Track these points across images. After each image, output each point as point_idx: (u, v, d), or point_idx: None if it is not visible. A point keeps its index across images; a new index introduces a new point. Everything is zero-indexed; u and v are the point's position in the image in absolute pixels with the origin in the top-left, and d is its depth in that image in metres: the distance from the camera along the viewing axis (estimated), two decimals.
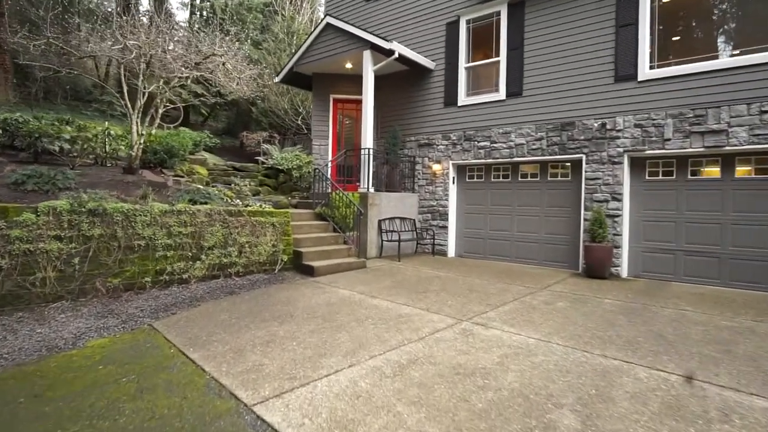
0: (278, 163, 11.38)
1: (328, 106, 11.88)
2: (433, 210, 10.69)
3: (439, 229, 10.57)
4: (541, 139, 8.99)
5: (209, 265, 6.74)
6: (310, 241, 8.40)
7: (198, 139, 11.61)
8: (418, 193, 11.02)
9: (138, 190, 6.99)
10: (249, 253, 7.25)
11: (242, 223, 7.20)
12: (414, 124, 11.18)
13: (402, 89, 11.45)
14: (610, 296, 6.48)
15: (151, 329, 4.72)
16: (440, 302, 5.95)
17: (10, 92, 19.32)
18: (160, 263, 6.22)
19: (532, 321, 5.13)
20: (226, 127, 27.02)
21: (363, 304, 5.79)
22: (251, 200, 8.41)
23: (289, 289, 6.58)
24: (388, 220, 9.98)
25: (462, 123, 10.24)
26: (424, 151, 10.97)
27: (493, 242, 9.96)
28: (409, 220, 10.67)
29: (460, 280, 7.56)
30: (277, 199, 10.41)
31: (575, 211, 8.73)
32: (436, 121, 10.71)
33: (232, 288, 6.51)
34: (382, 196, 9.88)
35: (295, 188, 11.77)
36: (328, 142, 11.85)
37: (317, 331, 4.67)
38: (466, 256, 10.36)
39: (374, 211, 9.64)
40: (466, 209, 10.47)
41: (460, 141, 10.27)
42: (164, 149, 9.37)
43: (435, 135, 10.74)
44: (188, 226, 6.54)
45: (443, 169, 10.54)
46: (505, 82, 9.53)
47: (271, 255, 7.58)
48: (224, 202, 8.13)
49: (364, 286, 6.91)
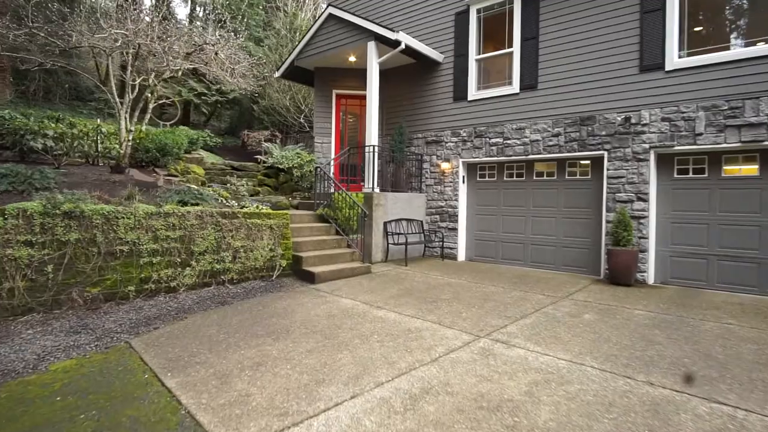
0: (278, 162, 10.84)
1: (330, 102, 11.32)
2: (442, 211, 10.10)
3: (448, 232, 9.98)
4: (559, 134, 8.38)
5: (200, 271, 6.19)
6: (311, 244, 7.84)
7: (195, 137, 11.09)
8: (426, 194, 10.44)
9: (124, 191, 6.45)
10: (244, 258, 6.70)
11: (237, 225, 6.65)
12: (421, 121, 10.59)
13: (408, 84, 10.87)
14: (640, 306, 5.87)
15: (128, 348, 4.16)
16: (453, 314, 5.36)
17: (8, 90, 18.91)
18: (145, 270, 5.67)
19: (559, 337, 4.54)
20: (229, 126, 26.56)
21: (367, 317, 5.21)
22: (248, 201, 7.86)
23: (286, 299, 6.02)
24: (394, 222, 9.40)
25: (472, 118, 9.65)
26: (432, 148, 10.38)
27: (506, 245, 9.36)
28: (417, 222, 10.08)
29: (473, 287, 6.97)
30: (277, 199, 9.86)
31: (596, 212, 8.11)
32: (445, 116, 10.12)
33: (224, 297, 5.95)
34: (388, 197, 9.31)
35: (296, 188, 11.22)
36: (331, 139, 11.29)
37: (316, 350, 4.10)
38: (478, 260, 9.76)
39: (379, 213, 9.06)
40: (477, 210, 9.87)
41: (470, 138, 9.68)
42: (157, 147, 8.84)
43: (444, 131, 10.15)
44: (177, 230, 5.99)
45: (452, 167, 9.95)
46: (518, 74, 8.93)
47: (269, 260, 7.02)
48: (219, 203, 7.58)
49: (369, 294, 6.33)
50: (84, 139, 8.66)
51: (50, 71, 20.41)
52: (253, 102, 19.53)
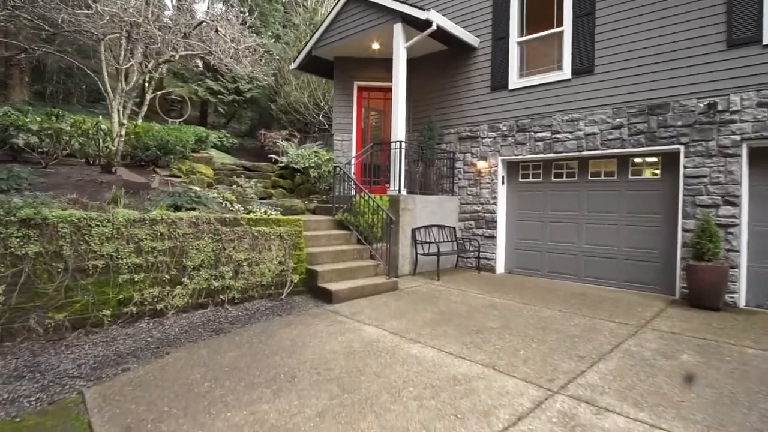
0: (293, 161, 9.81)
1: (351, 95, 10.23)
2: (478, 216, 8.86)
3: (484, 240, 8.72)
4: (621, 126, 7.05)
5: (194, 290, 5.13)
6: (328, 256, 6.71)
7: (203, 134, 10.17)
8: (459, 196, 9.21)
9: (109, 194, 5.47)
10: (248, 273, 5.62)
11: (240, 234, 5.58)
12: (454, 114, 9.38)
13: (439, 73, 9.67)
14: (748, 342, 4.52)
15: (78, 404, 3.09)
16: (509, 352, 4.14)
17: (26, 92, 18.50)
18: (125, 290, 4.64)
19: (665, 395, 3.26)
20: (249, 129, 25.85)
21: (398, 355, 4.04)
22: (256, 205, 6.81)
23: (297, 324, 4.90)
24: (423, 229, 8.21)
25: (514, 110, 8.38)
26: (466, 145, 9.15)
27: (553, 256, 8.04)
28: (449, 229, 8.86)
29: (523, 310, 5.71)
30: (291, 203, 8.80)
31: (668, 218, 6.74)
32: (482, 109, 8.88)
33: (220, 323, 4.87)
34: (417, 200, 8.12)
35: (314, 191, 10.16)
36: (352, 136, 10.19)
37: (329, 413, 2.95)
38: (519, 273, 8.47)
39: (407, 218, 7.89)
40: (518, 215, 8.59)
41: (511, 132, 8.41)
42: (158, 145, 7.90)
43: (480, 126, 8.91)
44: (166, 240, 4.95)
45: (490, 166, 8.70)
46: (570, 57, 7.63)
47: (278, 275, 5.93)
48: (223, 207, 6.54)
49: (398, 320, 5.15)
50: (78, 137, 7.77)
51: (69, 73, 19.97)
52: (271, 101, 18.64)
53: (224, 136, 18.17)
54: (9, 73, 17.24)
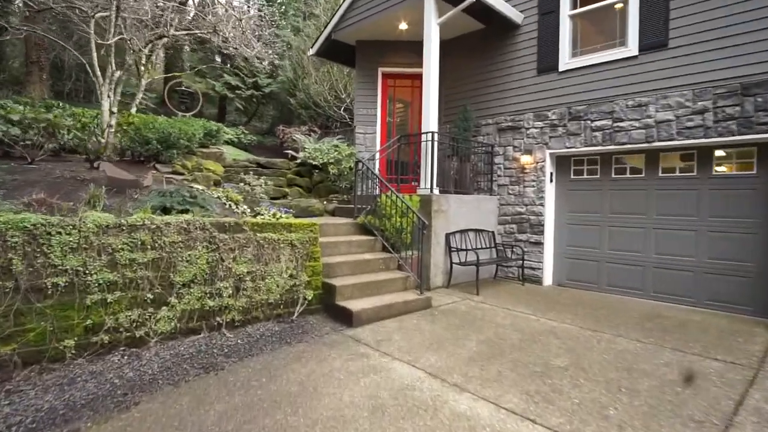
0: (311, 156, 8.82)
1: (375, 82, 9.18)
2: (521, 219, 7.67)
3: (529, 247, 7.54)
4: (704, 111, 5.78)
5: (183, 312, 4.17)
6: (349, 266, 5.67)
7: (213, 128, 9.28)
8: (498, 196, 8.04)
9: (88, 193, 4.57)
10: (251, 289, 4.63)
11: (242, 243, 4.59)
12: (492, 102, 8.21)
13: (475, 56, 8.52)
14: None
15: None
16: (593, 410, 3.00)
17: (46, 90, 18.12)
18: (94, 314, 3.70)
19: None
20: (270, 126, 25.18)
21: (442, 412, 2.96)
22: (265, 207, 5.83)
23: (308, 360, 3.87)
24: (459, 234, 7.09)
25: (566, 95, 7.17)
26: (506, 137, 7.98)
27: (614, 267, 6.80)
28: (487, 234, 7.71)
29: (592, 340, 4.55)
30: (308, 203, 7.80)
31: (766, 223, 5.46)
32: (526, 95, 7.69)
33: (213, 355, 3.89)
34: (451, 201, 7.01)
35: (333, 189, 9.15)
36: (376, 129, 9.14)
37: None
38: (570, 286, 7.25)
39: (440, 222, 6.79)
40: (570, 219, 7.37)
41: (562, 121, 7.20)
42: (159, 138, 7.02)
43: (524, 115, 7.72)
44: (148, 250, 4.00)
45: (536, 161, 7.51)
46: (636, 29, 6.39)
47: (288, 291, 4.92)
48: (225, 209, 5.59)
49: (436, 353, 4.07)
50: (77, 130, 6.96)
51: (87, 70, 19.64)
52: (291, 95, 17.77)
53: (242, 133, 17.38)
54: (29, 71, 16.87)
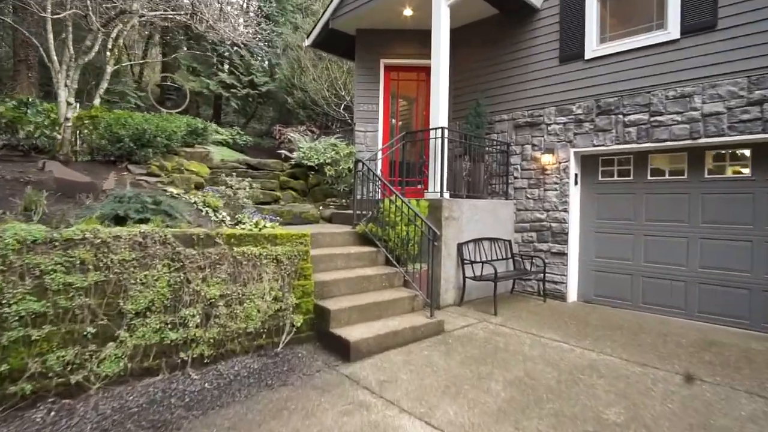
0: (306, 156, 7.97)
1: (377, 75, 8.35)
2: (541, 227, 6.81)
3: (551, 257, 6.68)
4: (763, 101, 4.93)
5: (136, 348, 3.32)
6: (346, 284, 4.81)
7: (199, 126, 8.43)
8: (515, 200, 7.19)
9: (24, 199, 3.73)
10: (226, 317, 3.77)
11: (214, 259, 3.74)
12: (508, 96, 7.37)
13: (487, 45, 7.68)
14: None
15: None
16: None
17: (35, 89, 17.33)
18: (14, 356, 2.85)
19: None
20: (268, 128, 24.39)
21: None
22: (249, 213, 4.98)
23: (291, 413, 3.01)
24: (472, 244, 6.24)
25: (593, 86, 6.32)
26: (524, 135, 7.13)
27: (650, 282, 5.94)
28: (503, 243, 6.85)
29: (646, 379, 3.67)
30: (302, 209, 6.95)
31: None
32: (547, 87, 6.84)
33: (170, 407, 3.03)
34: (463, 206, 6.16)
35: (331, 193, 8.30)
36: (378, 127, 8.30)
37: None
38: (599, 302, 6.39)
39: (451, 230, 5.93)
40: (597, 226, 6.51)
41: (589, 116, 6.35)
42: (133, 136, 6.19)
43: (544, 109, 6.87)
44: (91, 271, 3.15)
45: (558, 161, 6.65)
46: (678, 9, 5.54)
47: (272, 317, 4.07)
48: (202, 217, 4.75)
49: (455, 401, 3.20)
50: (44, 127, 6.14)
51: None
52: (289, 94, 16.96)
53: (237, 133, 16.57)
54: (17, 70, 16.11)
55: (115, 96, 14.79)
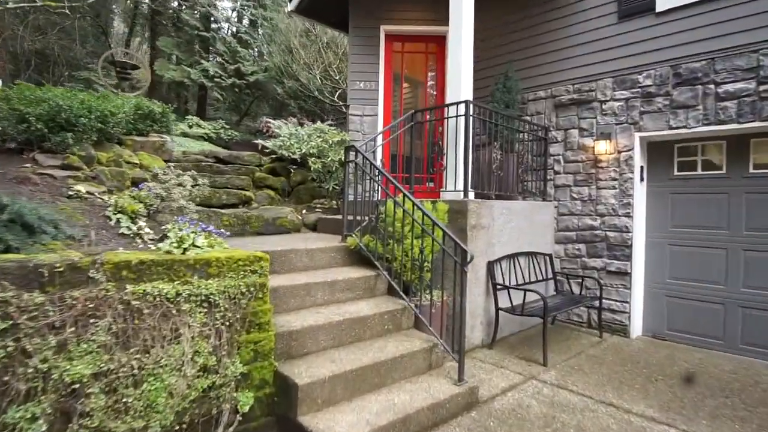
0: (284, 145, 6.29)
1: (377, 46, 6.69)
2: (593, 237, 5.16)
3: (607, 277, 5.02)
4: None
5: None
6: (328, 333, 3.13)
7: (156, 110, 6.67)
8: (556, 202, 5.54)
9: None
10: (103, 413, 2.11)
11: (82, 310, 2.09)
12: (544, 66, 5.72)
13: (516, 4, 6.04)
14: None
15: None
16: None
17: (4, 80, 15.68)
18: None
19: None
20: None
21: None
22: (184, 223, 3.30)
23: None
24: (506, 261, 4.59)
25: (668, 47, 4.66)
26: (568, 116, 5.48)
27: (756, 316, 4.27)
28: (543, 259, 5.20)
29: None
30: (277, 213, 5.28)
31: None
32: (601, 52, 5.18)
33: None
34: (495, 210, 4.50)
35: (320, 193, 6.64)
36: (377, 110, 6.63)
37: None
38: (676, 340, 4.72)
39: (480, 243, 4.28)
40: (672, 236, 4.85)
41: (663, 87, 4.69)
42: (43, 115, 4.55)
43: (597, 81, 5.21)
44: None
45: (617, 149, 5.00)
46: None
47: (197, 402, 2.41)
48: (112, 230, 3.10)
49: None
50: None
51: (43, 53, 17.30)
52: (279, 83, 15.32)
53: (222, 127, 14.97)
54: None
55: (80, 83, 13.12)
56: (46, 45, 16.30)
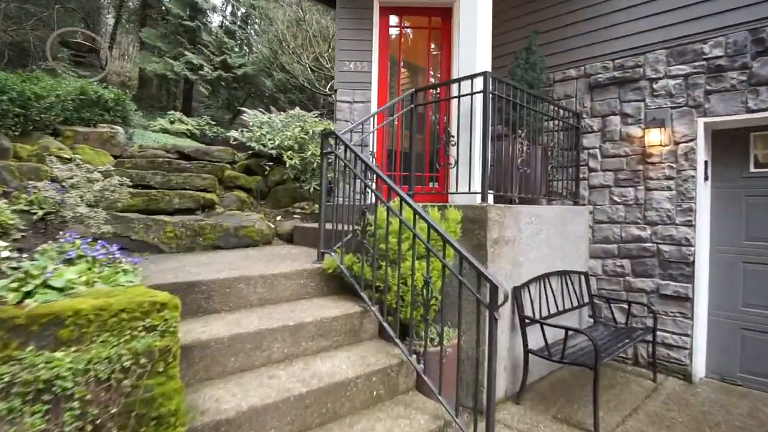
0: (254, 137, 5.21)
1: (369, 19, 5.60)
2: (641, 251, 4.08)
3: (660, 302, 3.95)
4: None
5: None
6: (281, 416, 2.03)
7: (108, 96, 5.60)
8: (591, 206, 4.46)
9: None
10: None
11: None
12: (575, 39, 4.64)
13: None
14: None
15: None
16: None
17: None
18: None
19: None
20: None
21: None
22: (76, 247, 2.21)
23: None
24: (534, 284, 3.51)
25: (742, 7, 3.59)
26: (607, 99, 4.40)
27: None
28: (577, 278, 4.13)
29: None
30: (241, 222, 4.19)
31: None
32: (649, 17, 4.10)
33: None
34: (521, 218, 3.42)
35: (300, 195, 5.54)
36: (370, 95, 5.54)
37: None
38: (751, 385, 3.64)
39: (503, 262, 3.19)
40: (747, 251, 3.76)
41: (735, 59, 3.62)
42: None
43: (645, 54, 4.13)
44: None
45: (673, 140, 3.92)
46: None
47: None
48: None
49: None
50: None
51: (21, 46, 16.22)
52: (267, 76, 14.23)
53: (207, 123, 13.87)
54: None
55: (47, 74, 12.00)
56: (24, 38, 15.16)
